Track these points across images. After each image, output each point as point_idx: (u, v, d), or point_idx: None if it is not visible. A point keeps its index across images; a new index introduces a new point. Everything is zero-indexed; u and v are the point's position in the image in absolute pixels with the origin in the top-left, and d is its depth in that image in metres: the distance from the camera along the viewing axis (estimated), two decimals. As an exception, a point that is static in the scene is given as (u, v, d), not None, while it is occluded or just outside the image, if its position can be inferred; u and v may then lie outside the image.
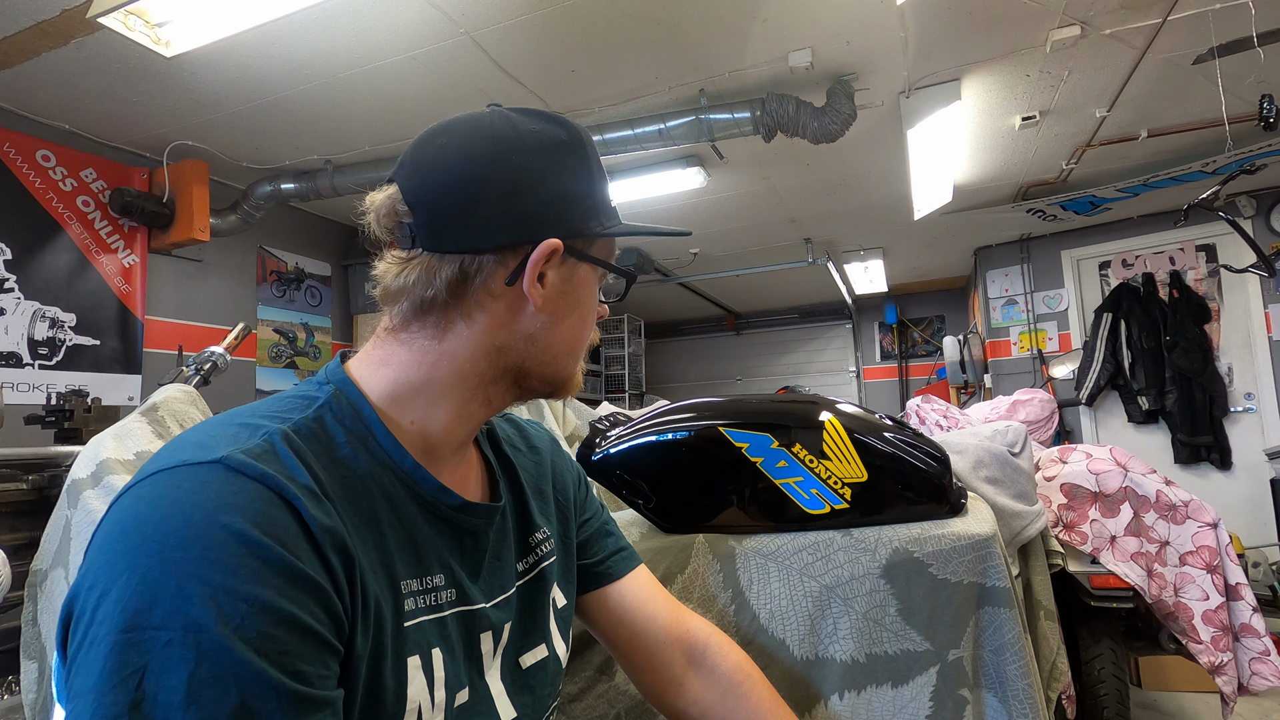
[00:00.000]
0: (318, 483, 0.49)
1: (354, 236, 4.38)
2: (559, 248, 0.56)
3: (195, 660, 0.38)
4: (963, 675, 0.85)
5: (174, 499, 0.43)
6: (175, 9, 2.07)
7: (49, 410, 1.89)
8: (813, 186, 3.99)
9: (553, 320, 0.59)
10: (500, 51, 2.51)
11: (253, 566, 0.41)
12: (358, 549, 0.49)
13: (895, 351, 7.21)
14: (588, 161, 0.60)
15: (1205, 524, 1.68)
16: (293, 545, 0.43)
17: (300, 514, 0.45)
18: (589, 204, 0.60)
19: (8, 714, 1.21)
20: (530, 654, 0.64)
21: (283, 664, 0.40)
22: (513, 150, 0.56)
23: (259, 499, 0.44)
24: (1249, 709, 2.39)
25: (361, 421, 0.55)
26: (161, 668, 0.38)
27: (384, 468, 0.55)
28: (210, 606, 0.39)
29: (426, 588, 0.55)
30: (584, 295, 0.62)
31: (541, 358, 0.60)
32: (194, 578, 0.40)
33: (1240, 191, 4.23)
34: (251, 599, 0.40)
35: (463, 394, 0.58)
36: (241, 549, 0.41)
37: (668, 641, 0.74)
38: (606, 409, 1.63)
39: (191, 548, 0.40)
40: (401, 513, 0.55)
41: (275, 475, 0.45)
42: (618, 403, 6.61)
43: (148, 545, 0.41)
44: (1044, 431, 3.39)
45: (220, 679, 0.38)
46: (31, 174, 2.86)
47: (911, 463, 0.92)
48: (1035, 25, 2.45)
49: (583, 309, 0.62)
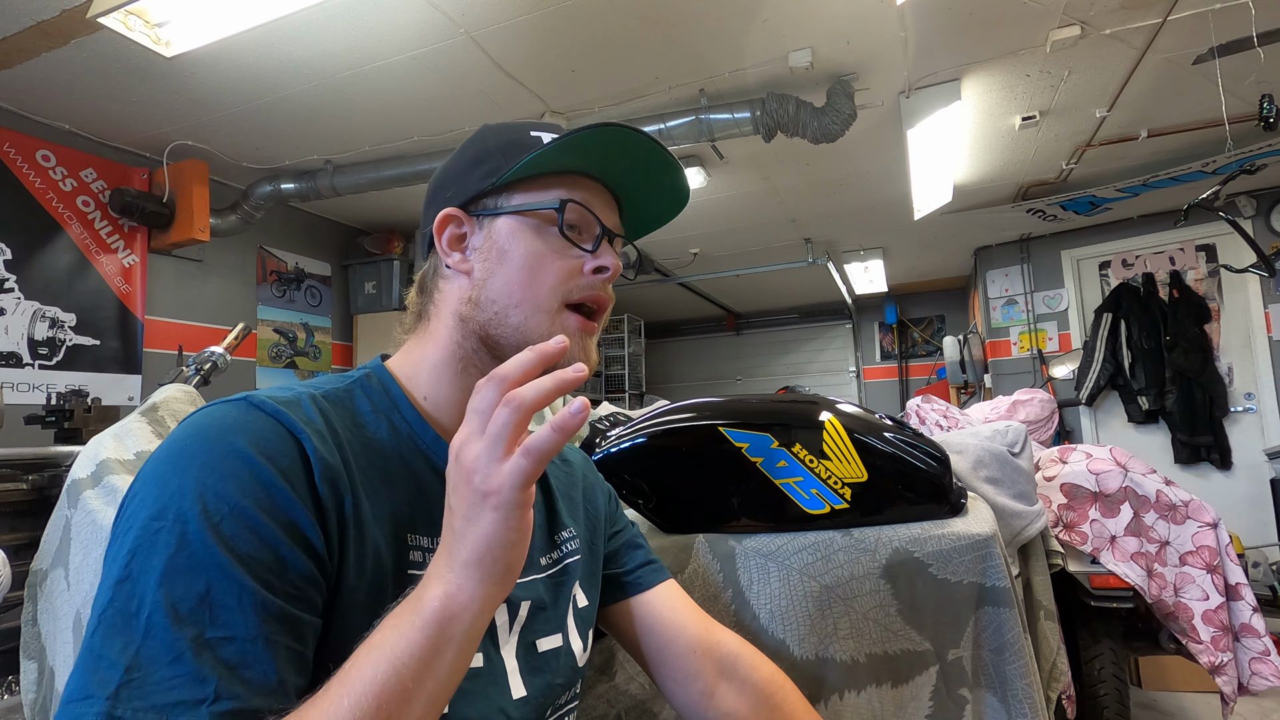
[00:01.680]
0: (333, 433, 0.54)
1: (354, 236, 4.38)
2: (455, 212, 0.64)
3: (176, 547, 0.44)
4: (963, 675, 0.85)
5: (202, 424, 0.50)
6: (175, 9, 2.07)
7: (49, 410, 1.89)
8: (813, 186, 3.99)
9: (484, 277, 0.63)
10: (500, 51, 2.51)
11: (243, 478, 0.47)
12: (362, 495, 0.53)
13: (895, 351, 7.21)
14: (484, 139, 0.66)
15: (1205, 524, 1.68)
16: (287, 471, 0.49)
17: (303, 446, 0.51)
18: (489, 167, 0.64)
19: (8, 714, 1.21)
20: (546, 639, 0.65)
21: (250, 567, 0.44)
22: (462, 151, 0.67)
23: (268, 429, 0.50)
24: (1249, 709, 2.39)
25: (389, 398, 0.62)
26: (149, 550, 0.44)
27: (405, 439, 0.60)
28: (198, 503, 0.45)
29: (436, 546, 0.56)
30: (511, 245, 0.62)
31: (494, 316, 0.62)
32: (193, 479, 0.46)
33: (1240, 191, 4.23)
34: (234, 503, 0.46)
35: (455, 366, 0.64)
36: (238, 462, 0.47)
37: (698, 652, 0.73)
38: (606, 409, 1.63)
39: (198, 457, 0.47)
40: (419, 478, 0.59)
41: (289, 414, 0.52)
42: (618, 403, 6.60)
43: (170, 456, 0.48)
44: (1044, 431, 3.39)
45: (193, 566, 0.43)
46: (31, 174, 2.86)
47: (911, 463, 0.92)
48: (1035, 25, 2.45)
49: (512, 258, 0.62)
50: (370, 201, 3.94)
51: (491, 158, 0.64)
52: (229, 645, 0.42)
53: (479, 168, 0.64)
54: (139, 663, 0.41)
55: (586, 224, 0.64)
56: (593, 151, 0.63)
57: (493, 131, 0.67)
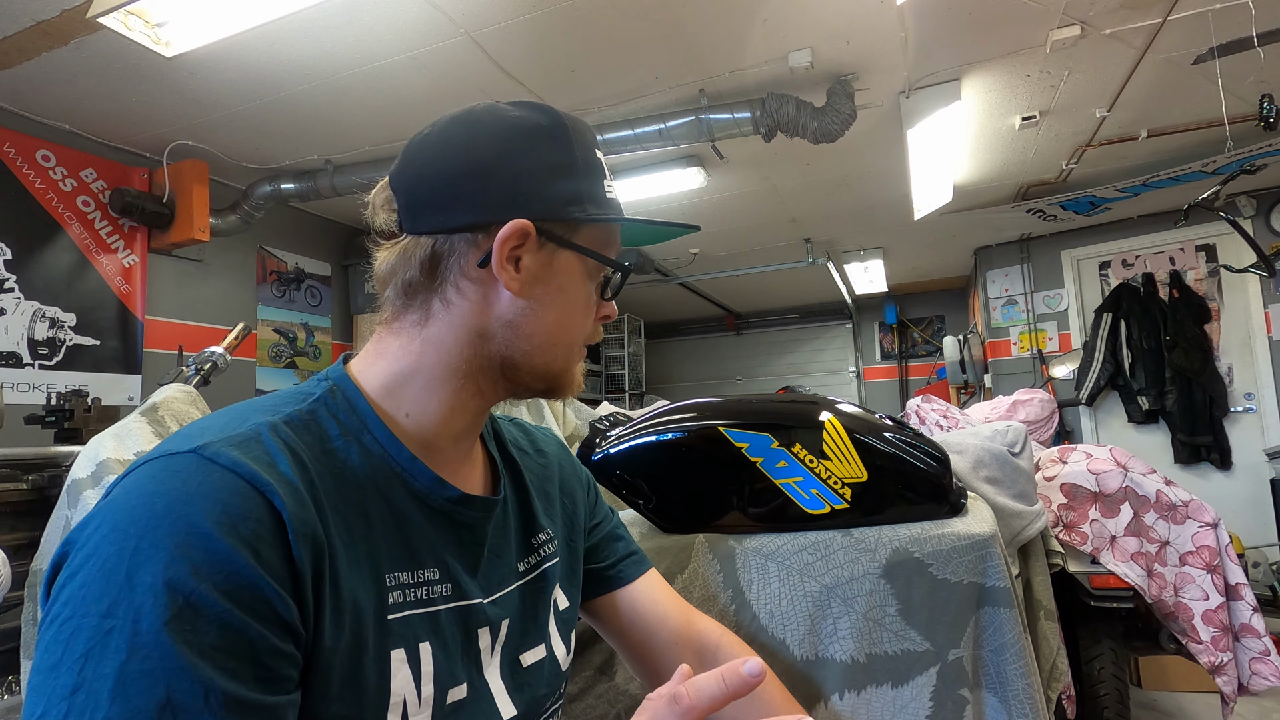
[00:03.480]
0: (302, 471, 0.49)
1: (354, 236, 4.38)
2: (529, 229, 0.56)
3: (128, 651, 0.38)
4: (963, 675, 0.85)
5: (146, 490, 0.44)
6: (175, 9, 2.07)
7: (49, 410, 1.89)
8: (813, 186, 3.99)
9: (534, 307, 0.58)
10: (500, 51, 2.51)
11: (199, 561, 0.41)
12: (336, 540, 0.49)
13: (895, 351, 7.21)
14: (570, 147, 0.59)
15: (1205, 524, 1.68)
16: (251, 538, 0.43)
17: (271, 502, 0.45)
18: (570, 189, 0.58)
19: (7, 714, 1.21)
20: (530, 653, 0.64)
21: (215, 662, 0.40)
22: (489, 133, 0.57)
23: (225, 489, 0.44)
24: (1249, 709, 2.39)
25: (356, 416, 0.56)
26: (100, 655, 0.38)
27: (378, 461, 0.55)
28: (149, 597, 0.39)
29: (417, 581, 0.54)
30: (569, 284, 0.59)
31: (524, 347, 0.58)
32: (142, 567, 0.40)
33: (1240, 191, 4.23)
34: (190, 591, 0.40)
35: (454, 383, 0.58)
36: (191, 542, 0.41)
37: (679, 643, 0.74)
38: (606, 409, 1.63)
39: (146, 538, 0.41)
40: (394, 506, 0.55)
41: (247, 464, 0.46)
42: (618, 403, 6.60)
43: (114, 534, 0.42)
44: (1044, 431, 3.38)
45: (149, 673, 0.38)
46: (31, 174, 2.86)
47: (911, 463, 0.92)
48: (1035, 25, 2.45)
49: (568, 299, 0.60)
50: (370, 201, 3.94)
51: (575, 176, 0.58)
52: None
53: (559, 181, 0.58)
54: None
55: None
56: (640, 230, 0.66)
57: (568, 131, 0.60)
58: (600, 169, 0.61)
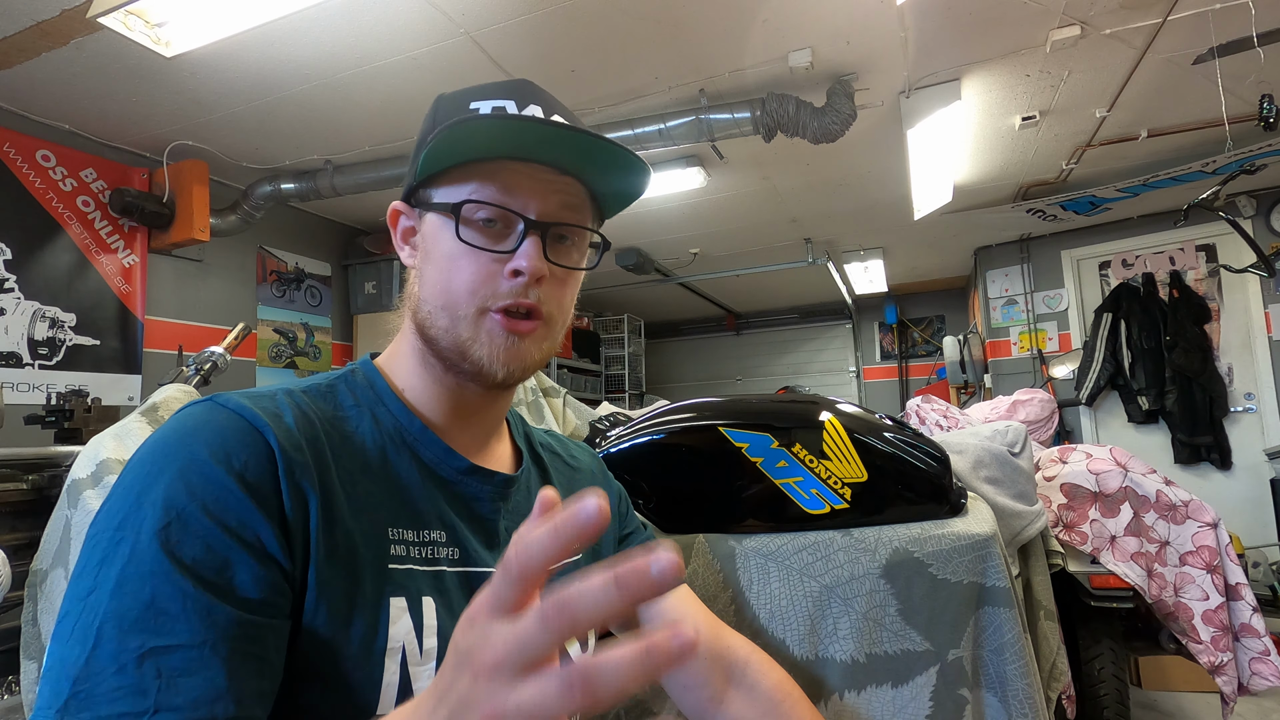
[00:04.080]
0: (306, 425, 0.54)
1: (354, 236, 4.38)
2: (400, 208, 0.63)
3: (129, 557, 0.44)
4: (963, 675, 0.85)
5: (167, 429, 0.51)
6: (175, 9, 2.07)
7: (49, 410, 1.89)
8: (813, 186, 3.99)
9: (421, 272, 0.61)
10: (500, 51, 2.50)
11: (194, 483, 0.46)
12: (337, 487, 0.53)
13: (895, 351, 7.21)
14: (432, 115, 0.63)
15: (1205, 524, 1.68)
16: (243, 470, 0.48)
17: (267, 440, 0.50)
18: (428, 152, 0.57)
19: (7, 714, 1.21)
20: None
21: (196, 574, 0.44)
22: None
23: (228, 426, 0.50)
24: (1249, 709, 2.39)
25: (373, 391, 0.61)
26: (109, 561, 0.44)
27: (390, 431, 0.59)
28: (150, 513, 0.45)
29: (422, 540, 0.57)
30: (432, 245, 0.60)
31: (424, 313, 0.60)
32: (150, 489, 0.46)
33: (1240, 191, 4.23)
34: (182, 509, 0.45)
35: (418, 358, 0.62)
36: (190, 468, 0.47)
37: (707, 658, 0.73)
38: (606, 409, 1.63)
39: (157, 464, 0.48)
40: (400, 470, 0.58)
41: (250, 408, 0.51)
42: (618, 403, 6.60)
43: (136, 465, 0.49)
44: (1044, 431, 3.38)
45: (140, 575, 0.43)
46: (31, 174, 2.86)
47: (911, 463, 0.92)
48: (1035, 25, 2.45)
49: (434, 258, 0.59)
50: (370, 201, 3.94)
51: (427, 139, 0.57)
52: (173, 654, 0.42)
53: (419, 152, 0.59)
54: (88, 673, 0.41)
55: (506, 219, 0.58)
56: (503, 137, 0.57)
57: (441, 103, 0.63)
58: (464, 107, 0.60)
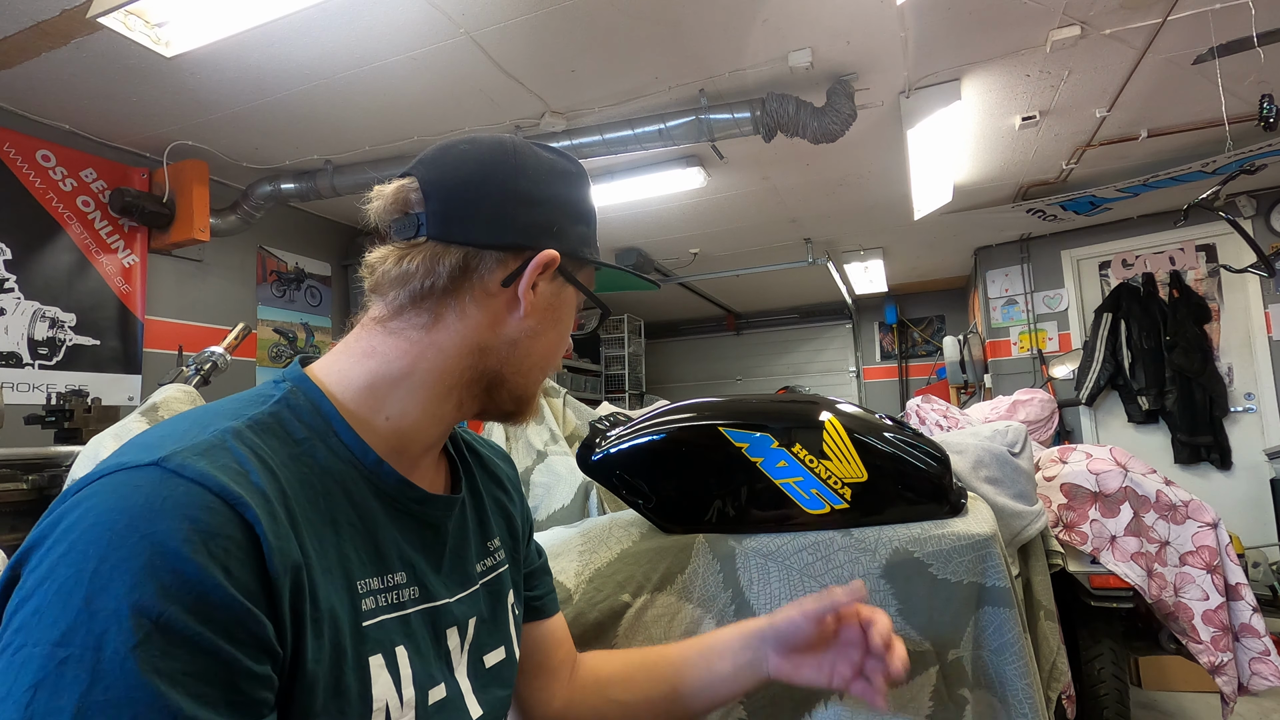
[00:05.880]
0: (272, 480, 0.47)
1: (354, 236, 4.38)
2: (557, 259, 0.60)
3: (90, 680, 0.36)
4: (963, 675, 0.85)
5: (106, 506, 0.41)
6: (175, 9, 2.07)
7: (49, 410, 1.90)
8: (813, 186, 3.99)
9: (536, 330, 0.62)
10: (500, 51, 2.51)
11: (167, 582, 0.39)
12: (310, 550, 0.48)
13: (895, 351, 7.21)
14: (589, 195, 0.67)
15: (1205, 524, 1.68)
16: (224, 555, 0.41)
17: (243, 516, 0.43)
18: (586, 232, 0.65)
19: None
20: (492, 654, 0.65)
21: (187, 688, 0.38)
22: (529, 166, 0.61)
23: (193, 503, 0.42)
24: (1249, 709, 2.39)
25: (320, 417, 0.54)
26: (55, 688, 0.36)
27: (344, 463, 0.54)
28: (113, 623, 0.37)
29: (387, 586, 0.54)
30: (565, 314, 0.65)
31: (519, 366, 0.62)
32: (102, 591, 0.38)
33: (1240, 191, 4.23)
34: (158, 616, 0.38)
35: (440, 390, 0.59)
36: (157, 562, 0.39)
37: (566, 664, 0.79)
38: (606, 409, 1.63)
39: (107, 559, 0.39)
40: (361, 509, 0.54)
41: (215, 475, 0.43)
42: (618, 403, 6.60)
43: (71, 554, 0.39)
44: (1044, 431, 3.38)
45: (113, 703, 0.36)
46: (31, 174, 2.86)
47: (911, 463, 0.92)
48: (1035, 25, 2.45)
49: (562, 328, 0.65)
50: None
51: (588, 220, 0.66)
52: None
53: (579, 223, 0.65)
54: None
55: None
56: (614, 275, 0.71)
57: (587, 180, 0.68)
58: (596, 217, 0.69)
